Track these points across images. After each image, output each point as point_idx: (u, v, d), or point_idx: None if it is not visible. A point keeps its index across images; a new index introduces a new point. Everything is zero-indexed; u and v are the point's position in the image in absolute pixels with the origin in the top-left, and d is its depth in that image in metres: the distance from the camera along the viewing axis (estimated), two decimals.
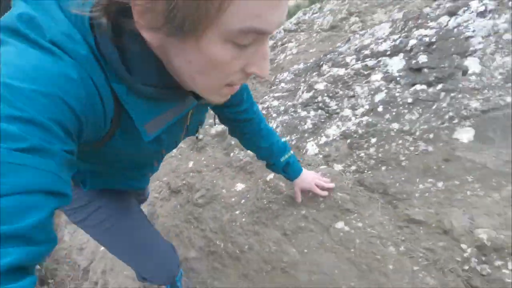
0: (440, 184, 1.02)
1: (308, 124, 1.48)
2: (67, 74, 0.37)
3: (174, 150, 1.59)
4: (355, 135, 1.29)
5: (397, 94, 1.30)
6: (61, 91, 0.36)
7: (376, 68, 1.45)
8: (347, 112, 1.40)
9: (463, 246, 0.89)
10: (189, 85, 0.47)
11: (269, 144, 0.96)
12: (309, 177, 1.06)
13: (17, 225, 0.31)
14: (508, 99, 1.05)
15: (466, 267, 0.87)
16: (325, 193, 1.09)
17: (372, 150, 1.21)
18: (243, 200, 1.35)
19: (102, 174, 0.74)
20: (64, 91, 0.36)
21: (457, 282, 0.85)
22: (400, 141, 1.17)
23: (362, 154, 1.22)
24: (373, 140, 1.23)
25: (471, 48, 1.22)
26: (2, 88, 0.32)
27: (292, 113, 1.60)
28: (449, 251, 0.90)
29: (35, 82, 0.34)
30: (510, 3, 1.23)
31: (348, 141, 1.29)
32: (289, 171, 1.02)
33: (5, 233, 0.30)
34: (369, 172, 1.16)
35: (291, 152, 1.01)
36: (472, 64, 1.19)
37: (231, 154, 1.66)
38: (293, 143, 1.47)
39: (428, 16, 1.50)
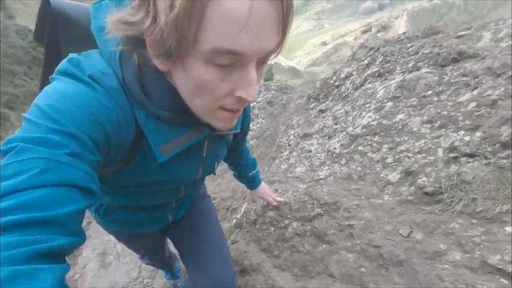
0: None
1: None
2: (100, 100, 0.46)
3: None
4: None
5: None
6: (95, 112, 0.44)
7: None
8: None
9: None
10: (192, 107, 0.51)
11: (245, 161, 1.11)
12: (264, 188, 1.30)
13: (56, 212, 0.36)
14: None
15: None
16: (274, 202, 1.33)
17: None
18: None
19: (119, 208, 0.80)
20: (98, 113, 0.45)
21: None
22: None
23: None
24: None
25: None
26: (49, 109, 0.41)
27: None
28: None
29: (74, 105, 0.43)
30: None
31: None
32: (253, 183, 1.23)
33: (46, 218, 0.35)
34: None
35: (257, 168, 1.20)
36: None
37: None
38: None
39: None
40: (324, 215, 1.20)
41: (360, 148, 1.45)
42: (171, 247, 1.58)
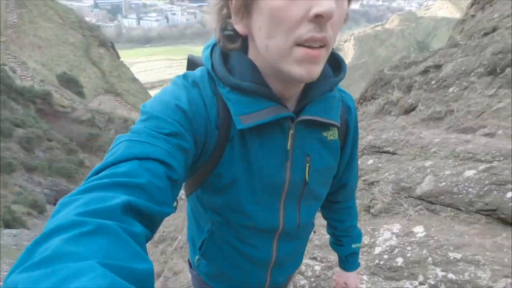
0: None
1: None
2: (182, 90, 0.54)
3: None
4: None
5: None
6: (175, 101, 0.51)
7: None
8: None
9: None
10: (267, 60, 0.52)
11: (351, 225, 0.86)
12: (355, 278, 0.92)
13: (138, 180, 0.39)
14: None
15: None
16: None
17: None
18: None
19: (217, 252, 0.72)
20: (178, 101, 0.51)
21: None
22: None
23: None
24: None
25: None
26: (143, 107, 0.52)
27: None
28: None
29: (159, 99, 0.52)
30: None
31: None
32: (352, 261, 0.89)
33: (125, 183, 0.38)
34: None
35: (360, 244, 0.89)
36: None
37: None
38: None
39: None
40: None
41: None
42: None
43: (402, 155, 2.25)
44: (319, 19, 0.43)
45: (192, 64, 0.67)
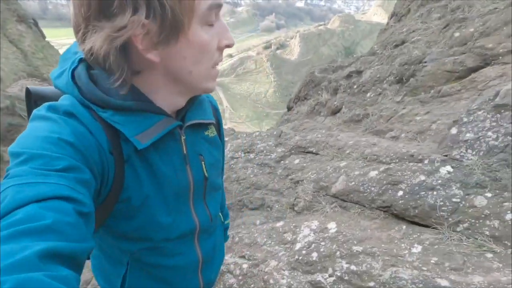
0: None
1: None
2: (59, 123, 0.48)
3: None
4: None
5: None
6: (53, 135, 0.45)
7: None
8: None
9: None
10: (185, 83, 0.56)
11: (224, 209, 0.99)
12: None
13: (44, 222, 0.34)
14: None
15: None
16: None
17: None
18: None
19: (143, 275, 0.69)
20: (57, 133, 0.46)
21: None
22: None
23: None
24: None
25: None
26: (13, 148, 0.44)
27: None
28: None
29: (32, 135, 0.45)
30: None
31: None
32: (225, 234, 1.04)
33: (31, 229, 0.33)
34: None
35: (229, 220, 1.06)
36: None
37: None
38: None
39: None
40: None
41: None
42: None
43: (323, 156, 2.44)
44: (225, 48, 0.56)
45: (38, 97, 0.61)
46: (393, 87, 2.90)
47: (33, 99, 0.62)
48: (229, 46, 0.56)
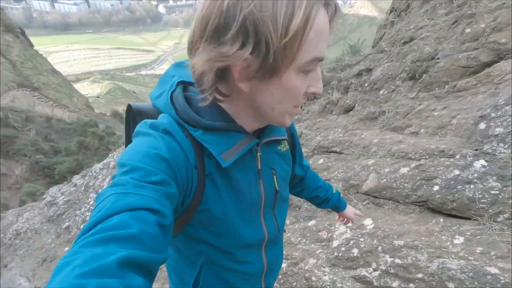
0: None
1: None
2: (157, 139, 0.54)
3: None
4: None
5: None
6: (153, 150, 0.52)
7: None
8: None
9: None
10: (265, 115, 0.59)
11: (323, 185, 1.05)
12: (350, 210, 1.17)
13: (129, 230, 0.39)
14: None
15: None
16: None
17: None
18: None
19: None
20: (156, 149, 0.52)
21: None
22: None
23: None
24: None
25: None
26: (120, 160, 0.51)
27: None
28: None
29: (135, 150, 0.52)
30: None
31: None
32: (341, 201, 1.11)
33: (118, 236, 0.38)
34: None
35: (335, 189, 1.11)
36: None
37: None
38: None
39: None
40: None
41: None
42: None
43: (348, 155, 2.51)
44: (312, 95, 0.59)
45: (137, 112, 0.67)
46: (406, 84, 2.97)
47: (131, 114, 0.68)
48: (315, 94, 0.58)
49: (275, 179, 0.74)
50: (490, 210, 1.50)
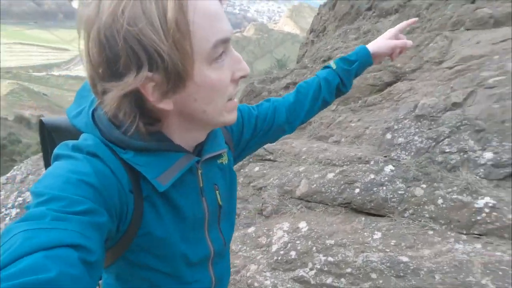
0: None
1: None
2: (81, 163, 0.47)
3: None
4: None
5: None
6: (76, 175, 0.44)
7: None
8: None
9: None
10: (202, 121, 0.55)
11: (318, 80, 0.88)
12: (384, 43, 0.88)
13: (48, 275, 0.32)
14: None
15: None
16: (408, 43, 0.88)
17: None
18: None
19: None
20: (79, 175, 0.45)
21: None
22: None
23: None
24: None
25: None
26: (35, 188, 0.43)
27: None
28: None
29: (52, 176, 0.45)
30: None
31: None
32: (361, 51, 0.90)
33: (31, 283, 0.31)
34: None
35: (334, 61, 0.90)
36: None
37: None
38: None
39: None
40: None
41: None
42: None
43: (281, 162, 2.62)
44: (240, 79, 0.54)
45: (52, 128, 0.59)
46: None
47: (46, 131, 0.59)
48: (244, 76, 0.54)
49: (217, 194, 0.70)
50: (398, 208, 1.74)
